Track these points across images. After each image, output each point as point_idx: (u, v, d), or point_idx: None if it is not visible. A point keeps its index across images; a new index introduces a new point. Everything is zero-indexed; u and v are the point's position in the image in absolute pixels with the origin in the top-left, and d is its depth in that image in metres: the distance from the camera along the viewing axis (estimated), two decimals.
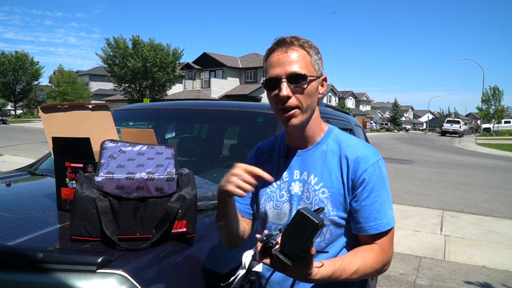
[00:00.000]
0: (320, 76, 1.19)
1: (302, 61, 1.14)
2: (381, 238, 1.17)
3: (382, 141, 27.12)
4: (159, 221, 1.27)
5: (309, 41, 1.20)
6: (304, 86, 1.13)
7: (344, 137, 1.24)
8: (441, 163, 14.70)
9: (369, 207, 1.15)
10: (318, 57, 1.19)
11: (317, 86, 1.18)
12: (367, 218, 1.16)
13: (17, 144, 15.05)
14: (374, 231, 1.15)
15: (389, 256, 1.18)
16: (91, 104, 1.97)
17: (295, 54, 1.14)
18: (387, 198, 1.18)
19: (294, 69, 1.13)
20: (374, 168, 1.16)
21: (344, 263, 1.10)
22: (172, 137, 2.58)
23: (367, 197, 1.15)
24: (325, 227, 1.16)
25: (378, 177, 1.17)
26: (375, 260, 1.15)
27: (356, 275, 1.11)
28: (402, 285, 3.85)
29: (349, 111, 4.23)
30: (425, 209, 7.14)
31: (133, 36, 33.54)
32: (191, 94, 37.16)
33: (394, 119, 73.73)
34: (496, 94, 45.15)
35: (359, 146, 1.21)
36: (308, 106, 1.16)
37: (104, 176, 1.28)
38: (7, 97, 45.61)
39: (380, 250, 1.16)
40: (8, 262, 1.13)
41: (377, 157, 1.19)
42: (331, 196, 1.18)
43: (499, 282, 3.96)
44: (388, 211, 1.18)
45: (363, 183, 1.15)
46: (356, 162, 1.17)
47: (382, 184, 1.17)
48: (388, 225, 1.17)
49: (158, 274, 1.16)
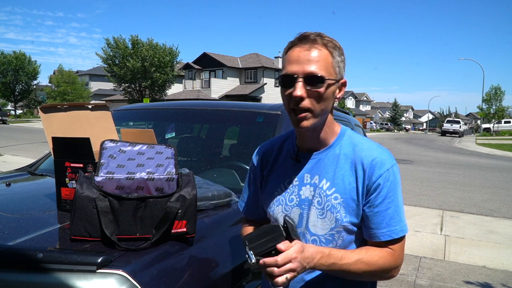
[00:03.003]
0: (339, 79, 1.13)
1: (323, 61, 1.07)
2: (393, 245, 1.13)
3: (382, 141, 27.12)
4: (159, 221, 1.27)
5: (334, 40, 1.13)
6: (320, 90, 1.07)
7: (358, 140, 1.19)
8: (441, 163, 14.69)
9: (383, 213, 1.12)
10: (341, 59, 1.13)
11: (334, 90, 1.12)
12: (380, 225, 1.12)
13: (17, 144, 15.05)
14: (387, 237, 1.12)
15: (398, 262, 1.14)
16: (90, 104, 1.97)
17: (316, 53, 1.07)
18: (401, 204, 1.14)
19: (313, 69, 1.06)
20: (389, 173, 1.12)
21: (346, 251, 1.10)
22: (172, 137, 2.59)
23: (381, 203, 1.12)
24: (337, 233, 1.15)
25: (393, 182, 1.13)
26: (381, 258, 1.11)
27: (359, 265, 1.08)
28: (402, 285, 3.85)
29: (349, 111, 4.23)
30: (425, 209, 7.13)
31: (132, 36, 33.60)
32: (191, 94, 37.16)
33: (394, 119, 73.71)
34: (497, 93, 45.12)
35: (374, 149, 1.15)
36: (322, 111, 1.10)
37: (104, 176, 1.28)
38: (7, 97, 45.60)
39: (389, 252, 1.13)
40: (8, 262, 1.13)
41: (392, 161, 1.15)
42: (344, 202, 1.13)
43: (499, 282, 3.96)
44: (402, 217, 1.14)
45: (378, 189, 1.11)
46: (371, 167, 1.12)
47: (396, 189, 1.14)
48: (402, 232, 1.13)
49: (158, 274, 1.16)
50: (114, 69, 33.62)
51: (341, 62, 1.13)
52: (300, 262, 1.01)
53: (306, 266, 1.03)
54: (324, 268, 1.07)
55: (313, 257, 1.04)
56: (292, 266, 1.00)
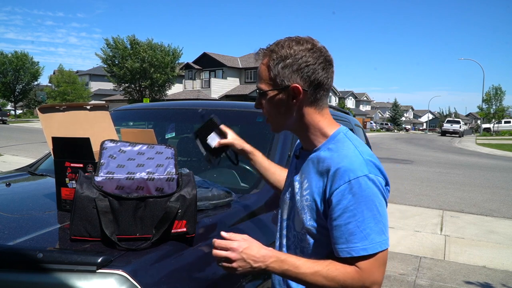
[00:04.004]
0: (285, 87, 1.12)
1: (263, 75, 1.16)
2: (359, 262, 1.03)
3: (382, 141, 27.12)
4: (159, 221, 1.27)
5: (277, 46, 1.14)
6: (266, 101, 1.18)
7: (341, 144, 1.13)
8: (441, 163, 14.70)
9: (341, 227, 1.04)
10: (283, 66, 1.11)
11: (284, 98, 1.14)
12: (339, 239, 1.05)
13: (17, 144, 15.05)
14: (346, 254, 1.04)
15: (367, 282, 1.03)
16: (89, 104, 1.97)
17: (259, 68, 1.18)
18: (371, 220, 1.03)
19: (258, 84, 1.19)
20: (350, 185, 1.03)
21: (307, 261, 1.07)
22: (172, 137, 2.58)
23: (339, 216, 1.05)
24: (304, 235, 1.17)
25: (356, 195, 1.03)
26: (341, 274, 1.03)
27: (317, 278, 1.04)
28: (402, 285, 3.85)
29: (349, 111, 4.23)
30: (425, 209, 7.14)
31: (129, 36, 33.61)
32: (191, 94, 37.15)
33: (394, 119, 73.69)
34: (498, 93, 45.11)
35: (345, 157, 1.08)
36: (276, 117, 1.19)
37: (104, 176, 1.28)
38: (7, 97, 45.60)
39: (355, 269, 1.04)
40: (8, 262, 1.13)
41: (361, 172, 1.04)
42: (310, 206, 1.13)
43: (499, 282, 3.96)
44: (370, 235, 1.02)
45: (335, 201, 1.05)
46: (333, 176, 1.07)
47: (360, 203, 1.03)
48: (365, 250, 1.02)
49: (158, 274, 1.16)
50: (113, 69, 33.63)
51: (284, 69, 1.12)
52: (243, 257, 1.05)
53: (253, 265, 1.06)
54: (278, 273, 1.09)
55: (264, 259, 1.06)
56: (229, 255, 1.05)
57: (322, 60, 1.13)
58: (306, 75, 1.12)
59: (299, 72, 1.12)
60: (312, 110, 1.16)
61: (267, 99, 1.18)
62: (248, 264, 1.06)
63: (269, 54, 1.15)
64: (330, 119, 1.20)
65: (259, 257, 1.06)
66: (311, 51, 1.12)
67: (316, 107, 1.16)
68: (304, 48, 1.12)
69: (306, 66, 1.11)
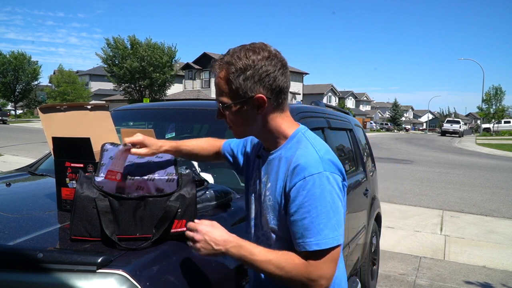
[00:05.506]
0: (249, 98, 1.13)
1: (223, 88, 1.15)
2: (310, 256, 1.07)
3: (382, 141, 27.12)
4: (158, 220, 1.27)
5: (233, 58, 1.12)
6: (226, 113, 1.17)
7: (300, 144, 1.17)
8: (441, 163, 14.70)
9: (298, 223, 1.08)
10: (244, 78, 1.11)
11: (248, 109, 1.14)
12: (296, 234, 1.09)
13: (17, 144, 15.05)
14: (301, 248, 1.08)
15: (313, 275, 1.06)
16: (89, 104, 1.97)
17: (217, 81, 1.16)
18: (324, 216, 1.06)
19: (219, 97, 1.17)
20: (306, 182, 1.07)
21: (263, 249, 1.11)
22: (172, 137, 2.58)
23: (295, 211, 1.09)
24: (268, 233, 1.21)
25: (311, 191, 1.06)
26: (290, 264, 1.08)
27: (269, 266, 1.08)
28: (402, 285, 3.85)
29: (349, 111, 4.23)
30: (425, 209, 7.14)
31: (129, 36, 33.61)
32: (191, 94, 37.15)
33: (394, 119, 73.69)
34: (498, 93, 45.10)
35: (303, 155, 1.11)
36: (239, 125, 1.20)
37: (104, 176, 1.28)
38: (7, 97, 45.60)
39: (303, 262, 1.07)
40: (8, 262, 1.13)
41: (317, 169, 1.08)
42: (272, 205, 1.18)
43: (499, 282, 3.96)
44: (324, 230, 1.05)
45: (292, 197, 1.10)
46: (291, 173, 1.11)
47: (315, 199, 1.06)
48: (317, 245, 1.05)
49: (158, 274, 1.16)
50: (113, 69, 33.63)
51: (246, 81, 1.11)
52: (206, 239, 1.10)
53: (215, 247, 1.10)
54: (236, 258, 1.12)
55: (225, 243, 1.10)
56: (194, 235, 1.11)
57: (279, 66, 1.14)
58: (268, 84, 1.13)
59: (261, 82, 1.12)
60: (276, 114, 1.19)
61: (231, 111, 1.17)
62: (210, 246, 1.10)
63: (226, 67, 1.13)
64: (290, 120, 1.23)
65: (220, 241, 1.10)
66: (269, 59, 1.12)
67: (278, 110, 1.19)
68: (262, 57, 1.12)
69: (267, 76, 1.12)
